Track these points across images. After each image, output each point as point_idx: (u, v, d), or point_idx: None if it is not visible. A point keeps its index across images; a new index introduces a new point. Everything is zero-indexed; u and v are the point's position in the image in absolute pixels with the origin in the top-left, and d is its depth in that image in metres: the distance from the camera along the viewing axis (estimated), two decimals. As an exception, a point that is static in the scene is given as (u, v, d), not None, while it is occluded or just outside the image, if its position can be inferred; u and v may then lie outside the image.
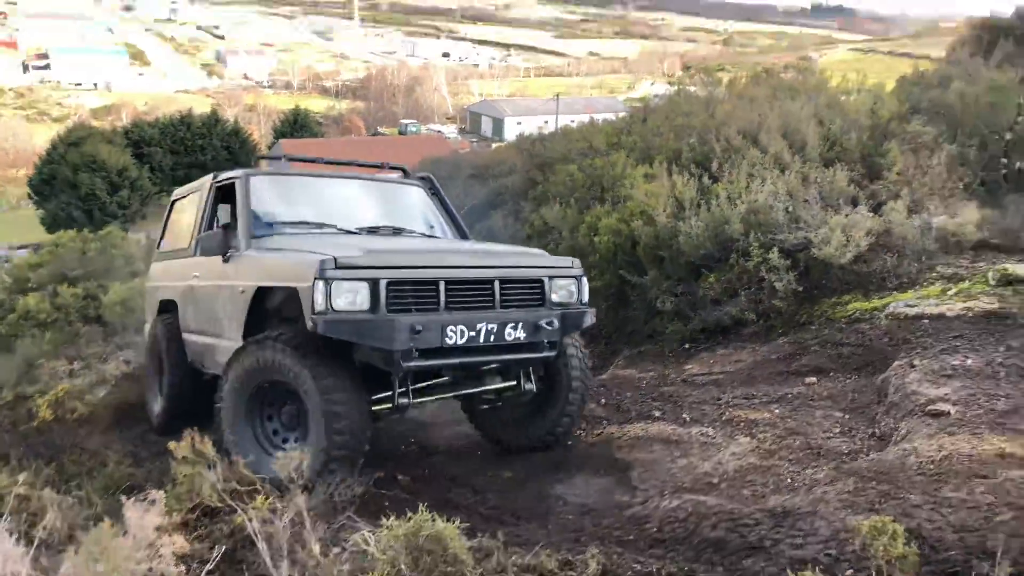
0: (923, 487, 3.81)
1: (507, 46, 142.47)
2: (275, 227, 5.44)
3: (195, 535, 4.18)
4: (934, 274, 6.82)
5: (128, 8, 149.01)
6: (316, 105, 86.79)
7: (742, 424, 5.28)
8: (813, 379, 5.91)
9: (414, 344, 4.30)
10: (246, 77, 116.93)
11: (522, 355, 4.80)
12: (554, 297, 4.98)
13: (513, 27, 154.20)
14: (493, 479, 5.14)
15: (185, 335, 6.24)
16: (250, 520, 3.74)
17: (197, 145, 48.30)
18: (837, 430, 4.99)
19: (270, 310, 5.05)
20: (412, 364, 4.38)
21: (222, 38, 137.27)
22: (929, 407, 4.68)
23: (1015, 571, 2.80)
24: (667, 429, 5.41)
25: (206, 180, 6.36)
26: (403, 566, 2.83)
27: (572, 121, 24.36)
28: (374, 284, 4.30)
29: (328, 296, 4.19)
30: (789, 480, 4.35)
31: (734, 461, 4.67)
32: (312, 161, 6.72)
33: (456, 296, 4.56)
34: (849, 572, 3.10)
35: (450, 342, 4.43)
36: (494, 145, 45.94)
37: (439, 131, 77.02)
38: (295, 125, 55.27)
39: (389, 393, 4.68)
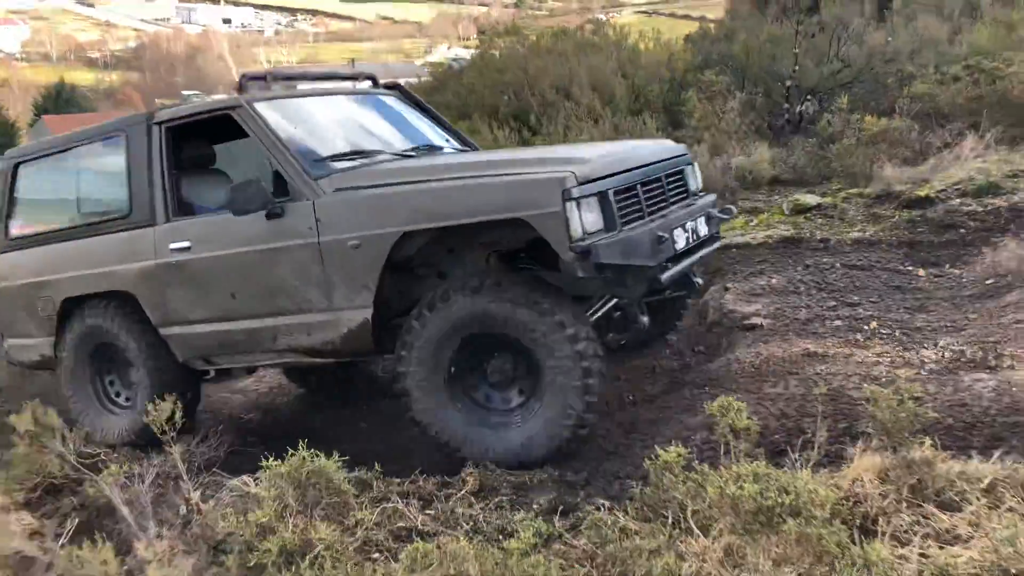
0: (747, 387, 4.29)
1: (292, 11, 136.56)
2: (323, 163, 4.32)
3: (41, 513, 3.98)
4: (737, 208, 7.51)
5: None
6: (83, 78, 79.07)
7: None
8: (640, 309, 6.38)
9: (663, 255, 3.86)
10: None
11: (710, 248, 4.51)
12: (690, 186, 4.66)
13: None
14: (348, 430, 5.20)
15: (171, 329, 4.75)
16: (106, 486, 3.63)
17: (-57, 128, 42.55)
18: (668, 351, 5.45)
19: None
20: (667, 276, 3.92)
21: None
22: (744, 322, 5.23)
23: (831, 437, 3.28)
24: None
25: (129, 123, 4.91)
26: (291, 500, 2.88)
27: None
28: (603, 196, 3.72)
29: (581, 218, 3.59)
30: (631, 397, 4.73)
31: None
32: (295, 78, 5.42)
33: (647, 198, 4.09)
34: (696, 461, 3.48)
35: (678, 247, 4.01)
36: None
37: (227, 102, 72.74)
38: (59, 100, 50.00)
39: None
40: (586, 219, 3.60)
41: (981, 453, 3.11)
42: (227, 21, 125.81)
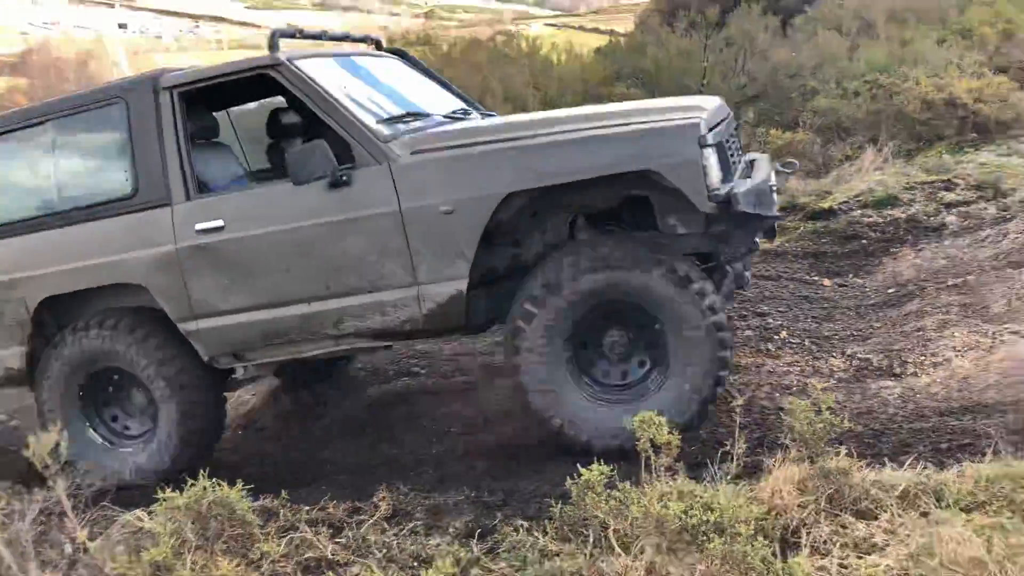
0: (664, 398, 4.28)
1: (195, 17, 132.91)
2: (388, 124, 3.97)
3: (-92, 558, 3.63)
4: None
5: None
6: (-36, 83, 75.04)
7: (500, 366, 5.53)
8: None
9: (776, 205, 3.72)
10: None
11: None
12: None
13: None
14: (253, 455, 4.98)
15: (196, 323, 4.13)
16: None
17: None
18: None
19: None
20: (777, 225, 3.85)
21: None
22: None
23: (749, 447, 3.28)
24: (428, 383, 5.54)
25: (128, 88, 4.21)
26: (190, 535, 2.68)
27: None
28: (719, 146, 3.52)
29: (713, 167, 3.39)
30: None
31: (496, 403, 4.90)
32: (315, 38, 4.79)
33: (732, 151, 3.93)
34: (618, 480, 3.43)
35: (776, 199, 3.82)
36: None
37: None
38: (-62, 107, 47.08)
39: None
40: (715, 168, 3.45)
41: (891, 459, 3.16)
42: (123, 26, 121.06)
